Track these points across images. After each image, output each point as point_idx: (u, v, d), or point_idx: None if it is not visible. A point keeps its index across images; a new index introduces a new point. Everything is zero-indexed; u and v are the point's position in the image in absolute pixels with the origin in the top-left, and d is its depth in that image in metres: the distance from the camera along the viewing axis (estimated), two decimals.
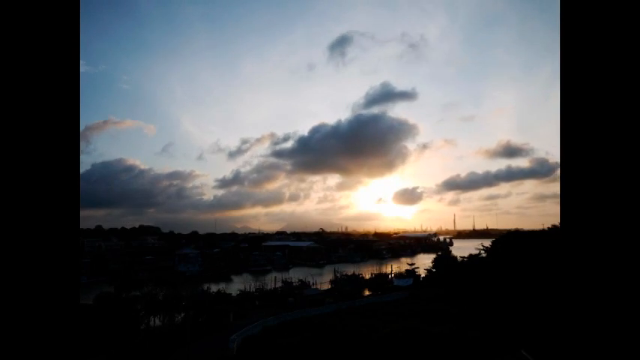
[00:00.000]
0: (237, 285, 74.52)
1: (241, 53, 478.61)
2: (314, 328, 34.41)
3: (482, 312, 36.28)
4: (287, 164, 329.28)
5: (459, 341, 27.53)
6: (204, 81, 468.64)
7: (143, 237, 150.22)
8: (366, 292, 63.04)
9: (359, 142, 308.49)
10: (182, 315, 40.92)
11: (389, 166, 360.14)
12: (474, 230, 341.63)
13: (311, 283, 70.43)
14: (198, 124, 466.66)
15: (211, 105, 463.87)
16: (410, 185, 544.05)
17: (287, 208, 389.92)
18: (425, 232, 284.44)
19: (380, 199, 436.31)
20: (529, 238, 48.10)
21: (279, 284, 65.67)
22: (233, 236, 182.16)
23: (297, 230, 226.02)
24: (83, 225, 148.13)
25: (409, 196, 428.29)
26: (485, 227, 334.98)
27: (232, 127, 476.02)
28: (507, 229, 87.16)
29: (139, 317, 38.96)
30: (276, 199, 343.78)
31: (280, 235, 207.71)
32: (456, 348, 26.53)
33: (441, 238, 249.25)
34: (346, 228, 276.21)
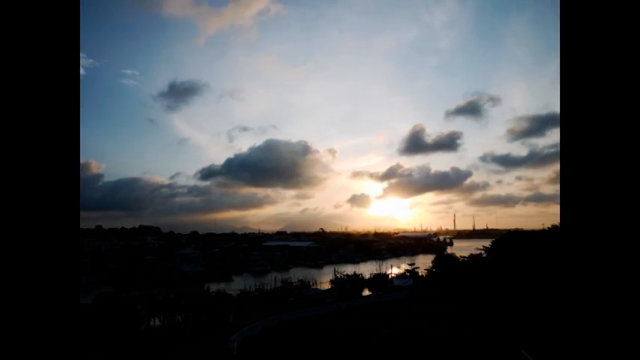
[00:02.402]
0: (237, 285, 74.54)
1: (235, 45, 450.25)
2: (314, 328, 34.40)
3: (482, 312, 36.29)
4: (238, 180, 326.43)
5: (458, 341, 27.53)
6: (195, 76, 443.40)
7: (143, 237, 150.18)
8: (366, 292, 63.03)
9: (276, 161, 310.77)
10: (182, 315, 40.93)
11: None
12: (474, 230, 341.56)
13: (311, 283, 70.40)
14: (190, 124, 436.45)
15: (204, 101, 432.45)
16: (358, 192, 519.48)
17: (265, 211, 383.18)
18: (425, 232, 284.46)
19: (335, 205, 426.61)
20: (529, 238, 48.13)
21: (279, 284, 65.64)
22: (233, 236, 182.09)
23: (296, 230, 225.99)
24: (83, 225, 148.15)
25: (362, 201, 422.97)
26: (485, 227, 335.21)
27: (224, 127, 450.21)
28: (507, 229, 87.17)
29: (139, 317, 38.96)
30: (253, 203, 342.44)
31: (280, 235, 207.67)
32: (455, 348, 26.52)
33: (441, 238, 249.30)
34: (346, 228, 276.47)
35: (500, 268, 42.36)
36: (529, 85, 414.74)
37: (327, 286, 71.50)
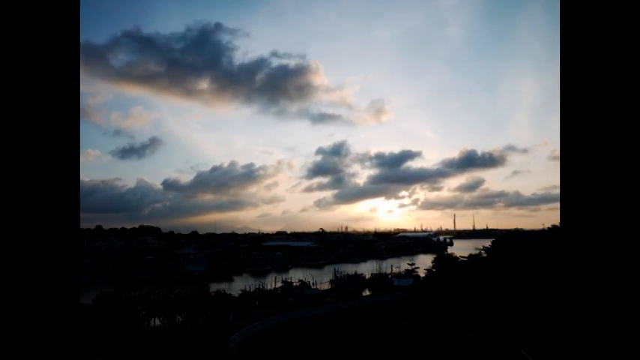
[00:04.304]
0: (237, 285, 74.54)
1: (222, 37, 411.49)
2: (314, 328, 34.40)
3: (482, 312, 36.28)
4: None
5: (458, 341, 27.53)
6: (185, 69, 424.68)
7: (143, 237, 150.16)
8: (366, 292, 63.04)
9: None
10: (182, 315, 40.94)
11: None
12: (474, 230, 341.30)
13: (311, 283, 70.39)
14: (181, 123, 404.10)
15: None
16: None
17: (249, 213, 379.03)
18: (425, 232, 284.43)
19: (304, 208, 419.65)
20: (529, 238, 48.19)
21: (279, 284, 65.64)
22: (233, 236, 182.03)
23: (296, 230, 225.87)
24: (83, 225, 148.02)
25: (326, 204, 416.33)
26: (485, 227, 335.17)
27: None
28: (507, 229, 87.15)
29: (139, 317, 38.96)
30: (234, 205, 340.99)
31: (280, 235, 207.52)
32: (455, 348, 26.52)
33: (441, 238, 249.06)
34: (346, 228, 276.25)
35: (500, 268, 42.37)
36: (540, 79, 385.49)
37: (327, 286, 71.47)
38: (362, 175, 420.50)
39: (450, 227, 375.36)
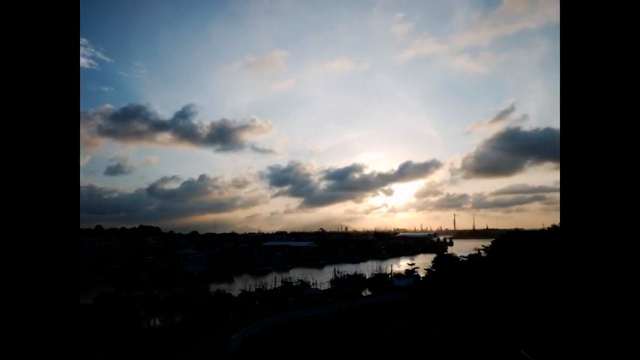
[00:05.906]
0: (238, 285, 74.58)
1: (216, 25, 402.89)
2: (314, 328, 34.43)
3: (482, 312, 36.29)
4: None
5: (458, 341, 27.55)
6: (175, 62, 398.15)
7: (143, 237, 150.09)
8: (366, 292, 63.06)
9: None
10: (182, 315, 40.96)
11: None
12: (474, 230, 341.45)
13: (311, 283, 70.41)
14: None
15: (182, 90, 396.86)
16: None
17: (241, 213, 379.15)
18: (425, 232, 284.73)
19: (286, 210, 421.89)
20: (529, 238, 48.20)
21: (279, 284, 65.65)
22: (233, 236, 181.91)
23: (296, 230, 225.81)
24: (83, 225, 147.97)
25: (306, 207, 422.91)
26: (485, 227, 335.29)
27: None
28: (507, 229, 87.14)
29: (139, 317, 38.98)
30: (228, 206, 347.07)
31: (280, 235, 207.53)
32: (455, 348, 26.53)
33: (441, 238, 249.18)
34: (346, 228, 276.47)
35: (500, 268, 42.37)
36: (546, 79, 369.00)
37: (327, 286, 71.48)
38: (322, 183, 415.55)
39: (450, 227, 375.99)
